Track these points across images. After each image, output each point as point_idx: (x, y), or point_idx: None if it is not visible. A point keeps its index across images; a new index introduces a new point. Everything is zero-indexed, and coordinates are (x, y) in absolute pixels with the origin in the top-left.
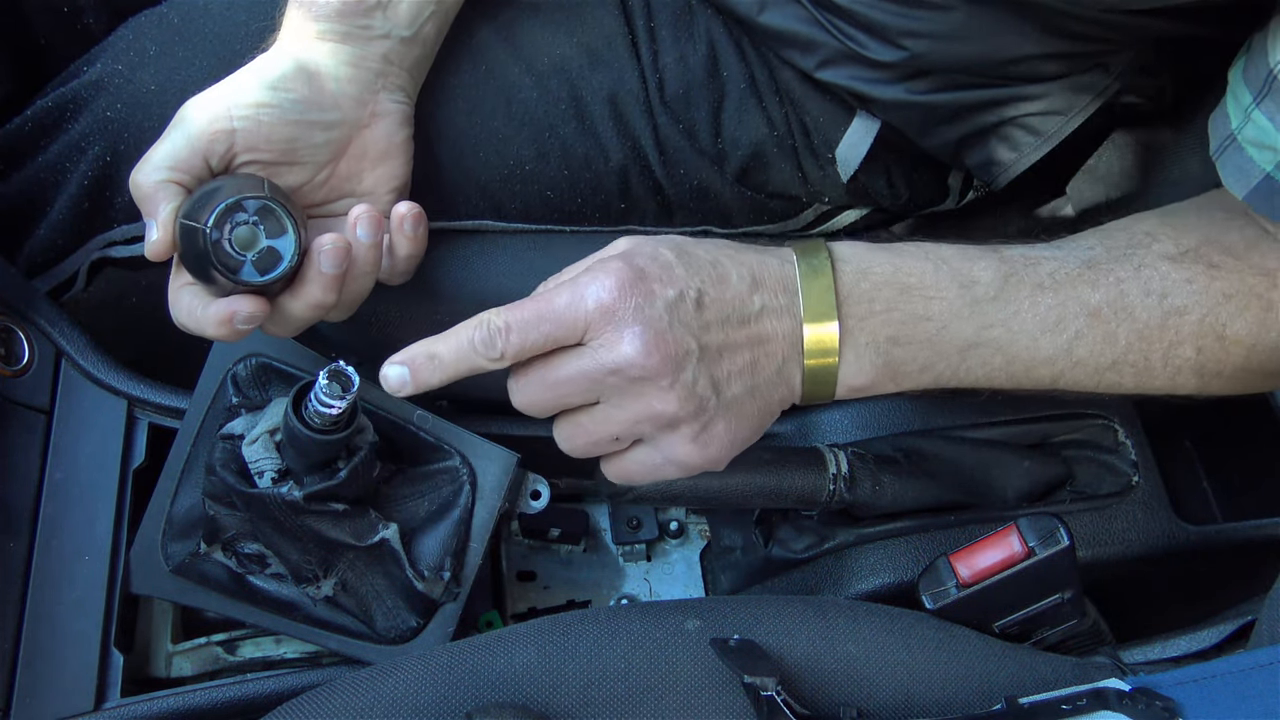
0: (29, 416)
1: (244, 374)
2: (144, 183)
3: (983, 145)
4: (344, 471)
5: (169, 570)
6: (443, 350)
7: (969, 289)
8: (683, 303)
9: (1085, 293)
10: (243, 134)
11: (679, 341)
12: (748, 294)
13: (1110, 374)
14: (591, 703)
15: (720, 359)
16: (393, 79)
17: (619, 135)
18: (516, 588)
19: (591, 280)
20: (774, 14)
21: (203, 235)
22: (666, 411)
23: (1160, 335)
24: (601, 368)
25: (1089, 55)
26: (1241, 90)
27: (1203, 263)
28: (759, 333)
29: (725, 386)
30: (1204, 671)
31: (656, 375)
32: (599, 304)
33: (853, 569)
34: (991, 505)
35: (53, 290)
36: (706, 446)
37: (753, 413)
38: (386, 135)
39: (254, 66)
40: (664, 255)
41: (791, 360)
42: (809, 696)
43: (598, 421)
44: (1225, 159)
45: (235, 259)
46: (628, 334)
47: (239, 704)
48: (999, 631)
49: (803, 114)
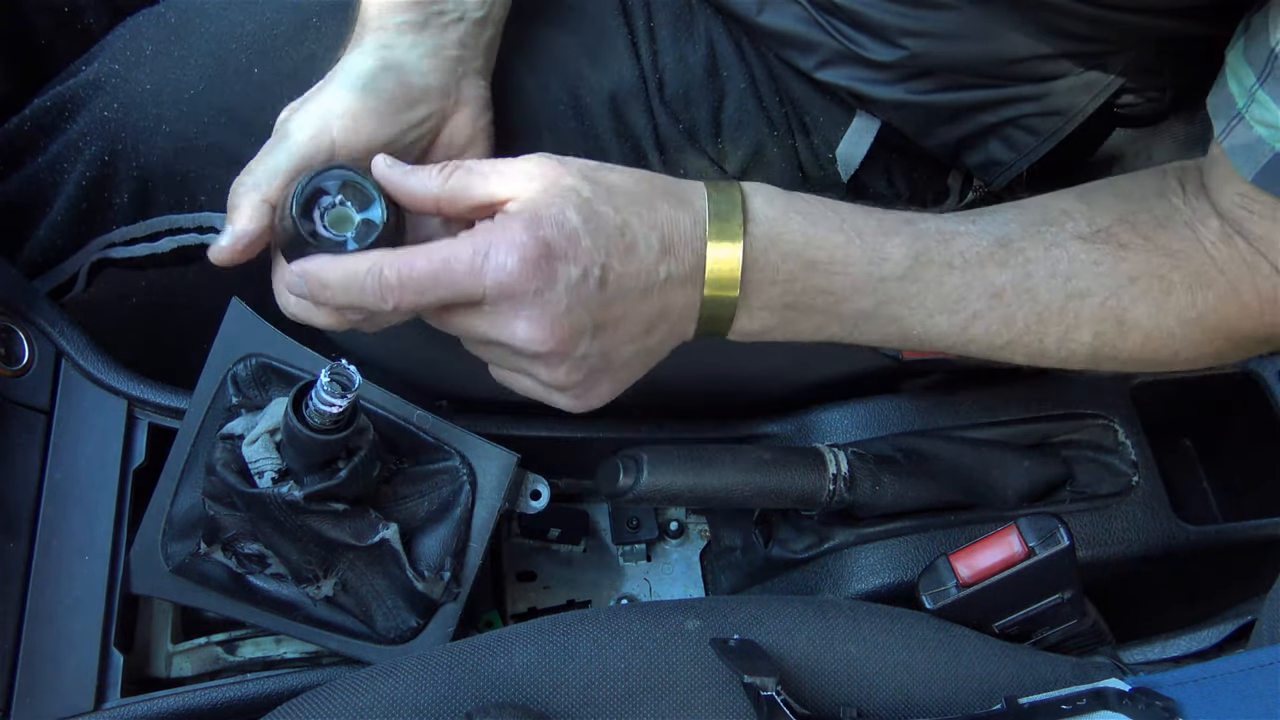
0: (29, 416)
1: (244, 374)
2: (242, 196)
3: (982, 145)
4: (344, 471)
5: (169, 570)
6: (334, 282)
7: (877, 266)
8: (585, 282)
9: (992, 273)
10: (342, 142)
11: (575, 323)
12: (655, 264)
13: (1003, 352)
14: (591, 703)
15: (616, 329)
16: (470, 64)
17: (618, 135)
18: (516, 588)
19: (494, 251)
20: (773, 14)
21: (298, 227)
22: (553, 380)
23: (1059, 319)
24: (496, 337)
25: (1089, 56)
26: (1244, 70)
27: (1113, 243)
28: (661, 305)
29: (616, 352)
30: (1204, 671)
31: (546, 355)
32: (497, 282)
33: (853, 569)
34: (991, 505)
35: (53, 291)
36: (586, 403)
37: (638, 368)
38: (471, 121)
39: (343, 70)
40: (570, 221)
41: (686, 320)
42: (809, 696)
43: (494, 356)
44: (1232, 139)
45: (336, 241)
46: (523, 315)
47: (239, 704)
48: (999, 631)
49: (803, 113)
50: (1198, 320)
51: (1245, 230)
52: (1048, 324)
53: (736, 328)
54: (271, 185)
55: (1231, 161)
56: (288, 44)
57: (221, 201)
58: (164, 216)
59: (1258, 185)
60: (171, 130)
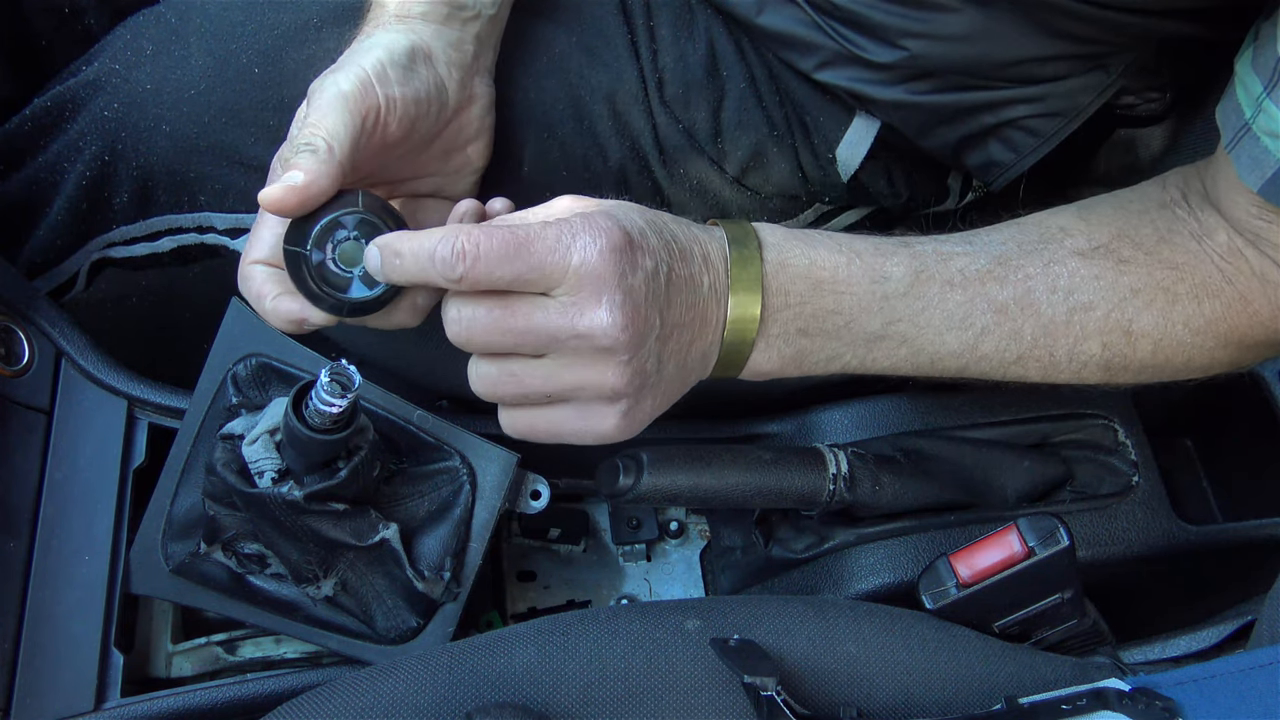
0: (29, 416)
1: (244, 374)
2: (305, 148)
3: (982, 146)
4: (344, 471)
5: (169, 570)
6: (406, 251)
7: (880, 284)
8: (657, 277)
9: (993, 290)
10: (385, 110)
11: (649, 318)
12: (699, 272)
13: (1015, 368)
14: (591, 703)
15: (670, 338)
16: (484, 60)
17: (617, 135)
18: (516, 588)
19: (581, 232)
20: (772, 15)
21: (305, 259)
22: (616, 385)
23: (1065, 331)
24: (569, 328)
25: (1089, 57)
26: (1251, 80)
27: (1112, 258)
28: (703, 315)
29: (665, 364)
30: (1204, 671)
31: (623, 349)
32: (585, 261)
33: (853, 569)
34: (991, 505)
35: (53, 291)
36: (630, 422)
37: (674, 391)
38: (478, 118)
39: (378, 44)
40: (639, 221)
41: (715, 343)
42: (809, 696)
43: (538, 377)
44: (1240, 150)
45: (342, 276)
46: (607, 301)
47: (239, 704)
48: (999, 631)
49: (803, 113)
50: (1207, 328)
51: (1262, 239)
52: (1055, 336)
53: (753, 360)
54: (336, 139)
55: (1238, 172)
56: (288, 44)
57: (221, 201)
58: (164, 216)
59: (1264, 196)
60: (171, 130)
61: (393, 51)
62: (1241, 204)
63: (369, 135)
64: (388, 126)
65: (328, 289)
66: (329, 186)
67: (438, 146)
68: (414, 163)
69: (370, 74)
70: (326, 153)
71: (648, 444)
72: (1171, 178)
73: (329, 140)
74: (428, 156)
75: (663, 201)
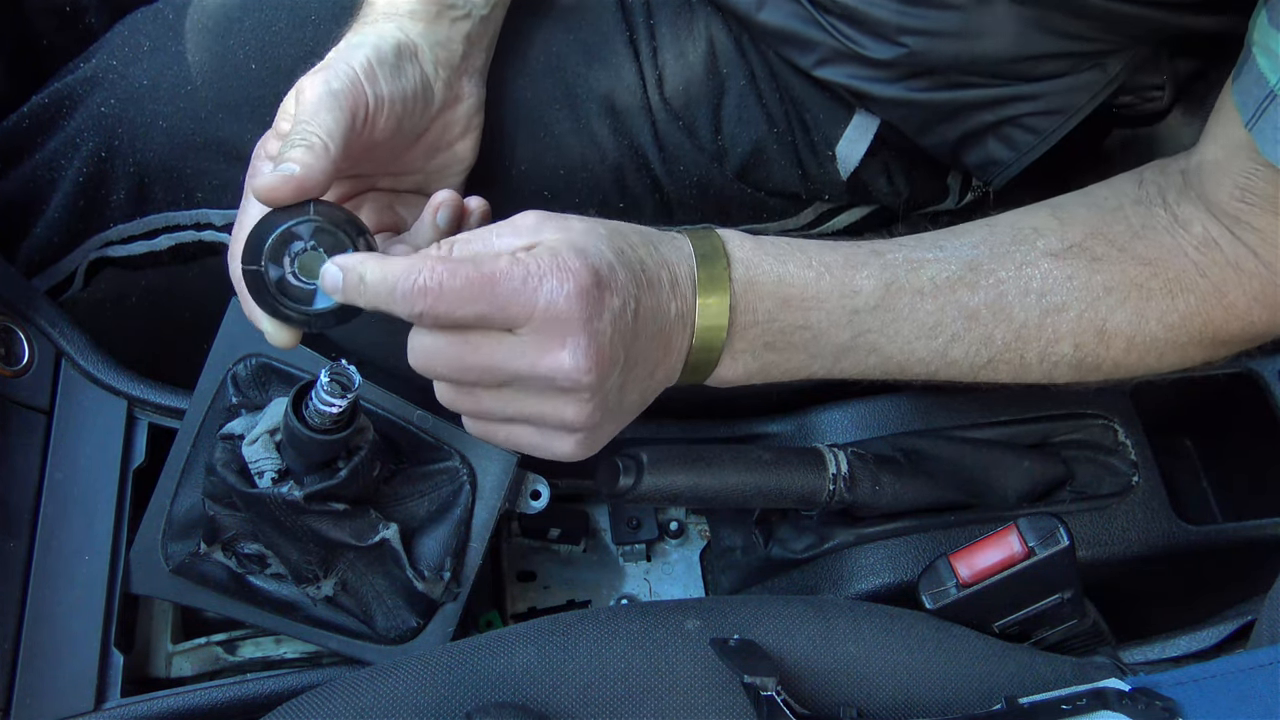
0: (29, 416)
1: (244, 374)
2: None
3: (981, 144)
4: (344, 471)
5: (169, 570)
6: (370, 278)
7: (849, 299)
8: (624, 314)
9: (964, 296)
10: (374, 109)
11: (614, 357)
12: (667, 301)
13: (986, 371)
14: (591, 703)
15: (635, 368)
16: (473, 61)
17: (614, 133)
18: (516, 588)
19: (549, 274)
20: (772, 12)
21: (263, 277)
22: (576, 421)
23: (1037, 334)
24: (530, 369)
25: (1088, 55)
26: (1275, 39)
27: (1085, 257)
28: (667, 342)
29: (627, 395)
30: (1204, 671)
31: (584, 389)
32: (551, 304)
33: (853, 569)
34: (991, 505)
35: (51, 290)
36: (589, 446)
37: (636, 411)
38: (466, 117)
39: (364, 43)
40: (607, 254)
41: (680, 365)
42: (809, 696)
43: (499, 403)
44: (1264, 121)
45: (304, 289)
46: (570, 344)
47: (239, 704)
48: (999, 631)
49: (802, 111)
50: (1181, 323)
51: (1241, 223)
52: (1027, 341)
53: (718, 372)
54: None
55: (1261, 149)
56: (285, 40)
57: (218, 197)
58: (161, 214)
59: None
60: (168, 126)
61: (380, 50)
62: (1226, 186)
63: (356, 133)
64: (375, 125)
65: (290, 304)
66: (324, 182)
67: (422, 144)
68: (398, 160)
69: (359, 72)
70: (323, 150)
71: (648, 444)
72: (1148, 171)
73: (325, 138)
74: (412, 154)
75: (662, 200)
